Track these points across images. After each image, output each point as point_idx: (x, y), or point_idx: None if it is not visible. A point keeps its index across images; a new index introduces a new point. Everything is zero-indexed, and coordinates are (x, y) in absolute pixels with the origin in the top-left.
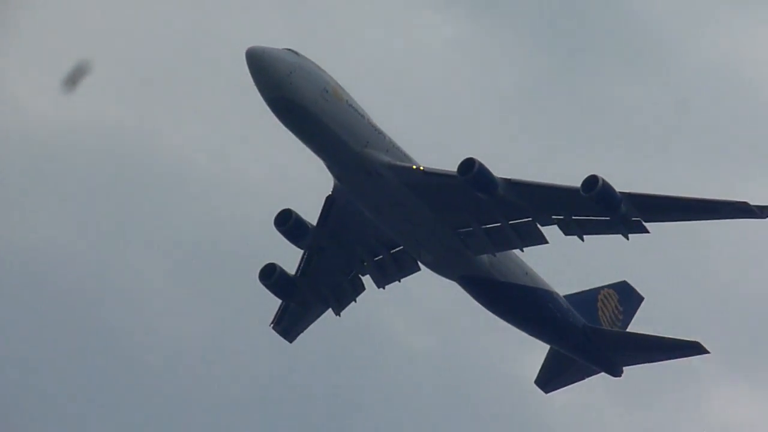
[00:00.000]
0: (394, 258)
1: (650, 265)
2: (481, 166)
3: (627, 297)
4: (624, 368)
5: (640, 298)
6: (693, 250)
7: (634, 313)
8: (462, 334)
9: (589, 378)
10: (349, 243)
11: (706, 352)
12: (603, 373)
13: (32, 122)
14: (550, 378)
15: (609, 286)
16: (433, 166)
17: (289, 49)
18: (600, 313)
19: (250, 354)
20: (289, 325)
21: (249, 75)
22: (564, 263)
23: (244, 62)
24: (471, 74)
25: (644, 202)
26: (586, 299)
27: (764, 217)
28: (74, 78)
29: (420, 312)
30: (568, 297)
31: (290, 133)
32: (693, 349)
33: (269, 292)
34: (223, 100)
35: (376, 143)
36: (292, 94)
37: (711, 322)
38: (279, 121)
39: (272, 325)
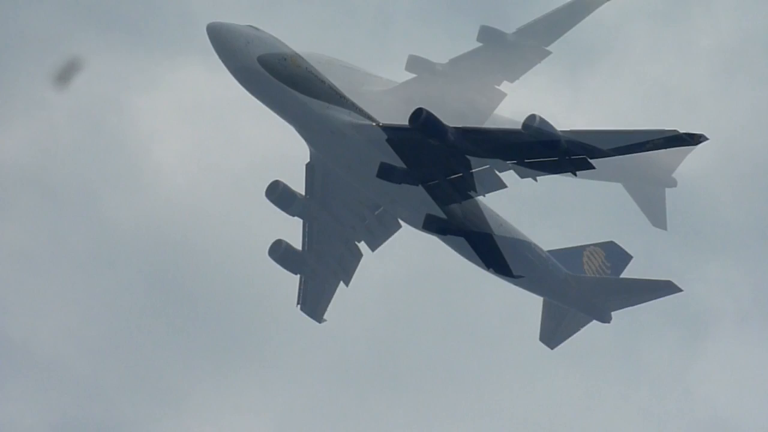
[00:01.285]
0: (378, 218)
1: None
2: (429, 114)
3: (615, 256)
4: (612, 314)
5: (629, 257)
6: None
7: (622, 270)
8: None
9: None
10: (336, 207)
11: (679, 290)
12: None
13: None
14: (551, 332)
15: (596, 245)
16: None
17: (251, 26)
18: (585, 267)
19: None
20: (312, 303)
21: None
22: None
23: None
24: None
25: (581, 137)
26: (571, 255)
27: (695, 144)
28: (66, 74)
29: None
30: (552, 252)
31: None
32: (666, 288)
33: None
34: None
35: (338, 105)
36: (251, 62)
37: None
38: (246, 91)
39: (299, 306)
